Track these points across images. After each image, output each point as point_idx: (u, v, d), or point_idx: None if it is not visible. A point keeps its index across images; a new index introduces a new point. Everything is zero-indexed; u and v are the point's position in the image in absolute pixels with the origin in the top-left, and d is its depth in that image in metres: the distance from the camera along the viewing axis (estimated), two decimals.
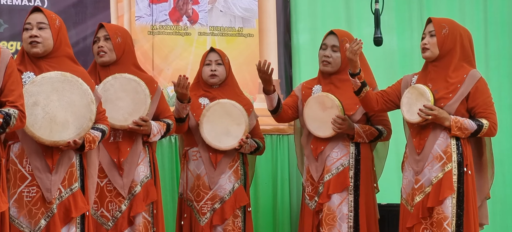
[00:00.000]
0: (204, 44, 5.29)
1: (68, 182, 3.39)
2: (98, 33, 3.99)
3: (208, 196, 4.32)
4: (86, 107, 3.35)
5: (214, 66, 4.39)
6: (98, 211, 3.88)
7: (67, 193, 3.38)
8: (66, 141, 3.29)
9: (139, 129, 3.88)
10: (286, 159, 5.38)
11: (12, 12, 4.95)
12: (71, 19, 5.01)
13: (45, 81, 3.30)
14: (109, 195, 3.88)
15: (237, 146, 4.32)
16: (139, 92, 3.90)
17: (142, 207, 3.89)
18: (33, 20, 3.41)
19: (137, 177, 3.92)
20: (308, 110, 4.32)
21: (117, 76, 3.90)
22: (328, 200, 4.23)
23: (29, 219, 3.30)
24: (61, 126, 3.30)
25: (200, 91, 4.44)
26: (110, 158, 3.88)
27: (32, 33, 3.38)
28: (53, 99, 3.30)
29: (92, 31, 5.08)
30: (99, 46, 3.95)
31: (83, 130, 3.34)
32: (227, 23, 5.38)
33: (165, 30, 5.28)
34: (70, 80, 3.34)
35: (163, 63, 5.25)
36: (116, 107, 3.85)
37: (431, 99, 3.87)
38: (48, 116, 3.28)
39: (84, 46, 5.05)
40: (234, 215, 4.33)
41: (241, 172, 4.41)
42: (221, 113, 4.31)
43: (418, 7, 5.73)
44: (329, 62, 4.31)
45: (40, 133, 3.25)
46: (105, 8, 5.14)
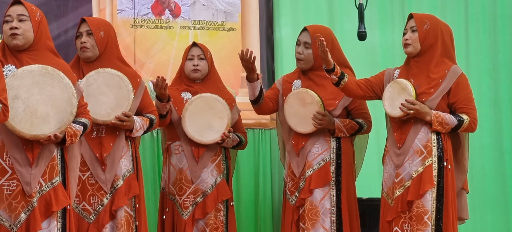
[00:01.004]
0: (187, 38, 5.28)
1: (49, 175, 3.37)
2: (80, 28, 3.97)
3: (190, 190, 4.32)
4: (67, 102, 3.33)
5: (197, 61, 4.39)
6: (80, 204, 3.86)
7: (47, 187, 3.36)
8: (47, 135, 3.28)
9: (122, 124, 3.87)
10: (268, 153, 5.39)
11: None
12: (52, 12, 4.98)
13: (26, 74, 3.27)
14: (91, 188, 3.87)
15: (219, 140, 4.32)
16: (122, 88, 3.89)
17: (124, 201, 3.88)
18: (14, 12, 3.38)
19: (120, 171, 3.91)
20: (288, 107, 4.33)
21: (100, 71, 3.88)
22: (310, 195, 4.24)
23: (9, 212, 3.28)
24: (42, 120, 3.27)
25: (182, 85, 4.44)
26: (93, 153, 3.86)
27: (12, 25, 3.36)
28: (34, 93, 3.27)
29: (73, 24, 5.05)
30: (82, 41, 3.93)
31: (64, 124, 3.32)
32: (210, 17, 5.38)
33: (147, 23, 5.27)
34: (51, 74, 3.32)
35: (145, 57, 5.23)
36: (98, 102, 3.83)
37: (413, 94, 3.89)
38: (28, 110, 3.26)
39: (65, 39, 5.03)
40: (216, 209, 4.34)
41: (224, 166, 4.41)
42: (204, 107, 4.31)
43: (400, 2, 5.76)
44: (301, 59, 4.32)
45: (21, 126, 3.23)
46: (86, 1, 5.12)
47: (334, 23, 5.53)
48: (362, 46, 5.19)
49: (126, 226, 3.87)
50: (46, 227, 3.34)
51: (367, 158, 4.63)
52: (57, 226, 3.38)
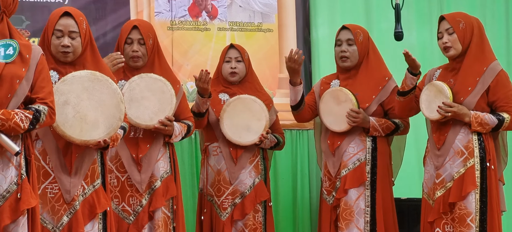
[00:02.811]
0: (224, 40, 5.31)
1: (91, 178, 3.41)
2: (131, 34, 3.95)
3: (228, 191, 4.33)
4: (115, 107, 3.36)
5: (234, 63, 4.39)
6: (120, 205, 3.90)
7: (90, 189, 3.41)
8: (96, 140, 3.31)
9: (164, 129, 3.89)
10: (305, 154, 5.38)
11: (34, 9, 4.99)
12: (91, 15, 5.04)
13: (76, 80, 3.31)
14: (130, 189, 3.90)
15: (257, 141, 4.33)
16: (165, 92, 3.91)
17: (162, 202, 3.91)
18: (65, 27, 3.38)
19: (157, 172, 3.94)
20: (323, 105, 4.32)
21: (143, 76, 3.89)
22: (345, 195, 4.23)
23: (52, 215, 3.33)
24: (91, 125, 3.31)
25: (220, 87, 4.45)
26: (130, 153, 3.89)
27: (64, 42, 3.37)
28: (83, 98, 3.31)
29: (112, 27, 5.11)
30: (133, 50, 3.92)
31: (112, 129, 3.36)
32: (247, 18, 5.39)
33: (185, 25, 5.30)
34: (99, 80, 3.35)
35: (182, 59, 5.26)
36: (141, 107, 3.85)
37: (449, 96, 3.85)
38: (78, 115, 3.29)
39: (104, 42, 5.08)
40: (255, 210, 4.35)
41: (262, 167, 4.42)
42: (242, 108, 4.32)
43: (438, 1, 5.70)
44: (347, 57, 4.31)
45: (71, 132, 3.27)
46: (124, 4, 5.17)
47: (371, 23, 5.50)
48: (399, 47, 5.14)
49: (163, 227, 3.90)
50: (90, 229, 3.38)
51: (406, 158, 4.60)
52: (98, 228, 3.42)
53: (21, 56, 2.95)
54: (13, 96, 2.90)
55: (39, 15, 4.96)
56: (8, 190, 2.91)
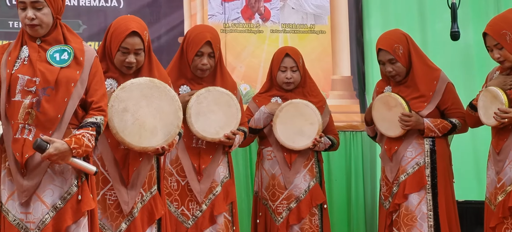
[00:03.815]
0: (276, 42, 5.31)
1: (148, 185, 3.45)
2: (202, 48, 3.89)
3: (283, 196, 4.32)
4: (174, 114, 3.38)
5: (290, 73, 4.35)
6: (179, 209, 3.92)
7: (148, 196, 3.45)
8: (155, 147, 3.34)
9: (228, 142, 3.91)
10: (359, 155, 5.35)
11: (90, 13, 5.07)
12: (146, 18, 5.07)
13: (134, 87, 3.33)
14: (189, 194, 3.92)
15: (311, 146, 4.31)
16: (231, 106, 3.91)
17: (224, 208, 3.93)
18: (132, 46, 3.40)
19: (217, 178, 3.95)
20: (375, 113, 4.28)
21: (210, 89, 3.88)
22: (405, 200, 4.17)
23: (111, 221, 3.37)
24: (150, 132, 3.33)
25: (273, 91, 4.44)
26: (191, 163, 3.91)
27: (130, 59, 3.40)
28: (142, 106, 3.33)
29: (166, 30, 5.17)
30: (203, 63, 3.90)
31: (170, 136, 3.37)
32: (299, 20, 5.38)
33: (238, 28, 5.32)
34: (158, 87, 3.37)
35: (235, 61, 5.28)
36: (208, 120, 3.85)
37: (505, 102, 3.77)
38: (137, 122, 3.32)
39: (158, 45, 5.13)
40: (311, 213, 4.33)
41: (316, 169, 4.40)
42: (294, 113, 4.31)
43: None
44: (394, 76, 4.23)
45: (130, 138, 3.29)
46: (178, 7, 5.22)
47: (425, 23, 5.44)
48: (455, 46, 5.08)
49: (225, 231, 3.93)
50: None
51: (463, 159, 4.53)
52: None
53: (76, 59, 3.00)
54: (69, 99, 2.95)
55: (95, 20, 5.03)
56: (69, 192, 2.97)
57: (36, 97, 2.91)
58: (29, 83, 2.93)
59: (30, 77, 2.93)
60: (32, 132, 2.91)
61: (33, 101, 2.91)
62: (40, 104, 2.91)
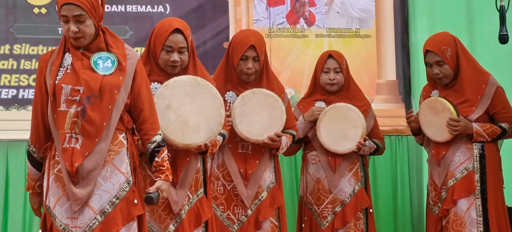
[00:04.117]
0: (321, 46, 5.31)
1: (195, 188, 3.48)
2: (247, 52, 3.93)
3: (328, 200, 4.31)
4: (216, 111, 3.41)
5: (333, 75, 4.35)
6: (225, 213, 3.95)
7: (194, 199, 3.47)
8: (198, 144, 3.37)
9: (273, 144, 3.92)
10: (405, 160, 5.31)
11: (137, 19, 5.14)
12: (191, 24, 5.11)
13: (177, 84, 3.37)
14: (235, 199, 3.94)
15: (355, 149, 4.29)
16: (276, 108, 3.93)
17: (270, 213, 3.94)
18: (175, 44, 3.45)
19: (264, 183, 3.97)
20: (422, 118, 4.24)
21: (255, 91, 3.91)
22: (454, 206, 4.11)
23: (159, 223, 3.41)
24: (193, 129, 3.36)
25: (317, 95, 4.43)
26: (237, 168, 3.93)
27: (174, 58, 3.45)
28: (185, 103, 3.37)
29: (211, 35, 5.21)
30: (248, 67, 3.93)
31: (213, 133, 3.41)
32: (344, 24, 5.37)
33: (283, 32, 5.33)
34: (201, 85, 3.41)
35: (280, 66, 5.30)
36: (252, 122, 3.88)
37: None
38: (180, 119, 3.35)
39: (203, 50, 5.17)
40: (356, 217, 4.31)
41: (361, 174, 4.38)
42: (338, 117, 4.29)
43: None
44: (441, 78, 4.18)
45: (173, 136, 3.33)
46: (224, 12, 5.25)
47: (472, 26, 5.38)
48: (504, 50, 5.00)
49: None
50: None
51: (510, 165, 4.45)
52: None
53: (119, 65, 3.01)
54: (114, 107, 2.97)
55: (142, 25, 5.10)
56: (118, 197, 2.98)
57: (81, 106, 2.93)
58: (73, 92, 2.94)
59: (73, 86, 2.94)
60: (79, 140, 2.93)
61: (78, 110, 2.93)
62: (85, 113, 2.92)
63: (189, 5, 5.22)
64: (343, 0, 5.41)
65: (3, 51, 5.04)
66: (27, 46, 5.05)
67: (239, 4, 5.27)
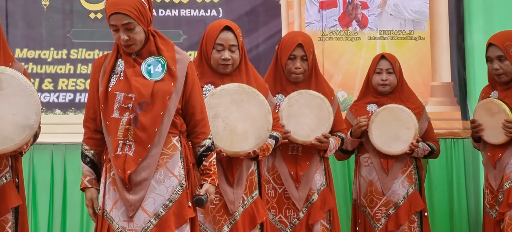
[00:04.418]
0: (374, 49, 5.28)
1: (249, 189, 3.50)
2: (295, 51, 3.95)
3: (381, 202, 4.29)
4: (263, 118, 3.43)
5: (385, 75, 4.33)
6: (276, 216, 3.96)
7: (249, 200, 3.49)
8: (246, 151, 3.40)
9: (320, 145, 3.92)
10: (461, 163, 5.24)
11: (191, 23, 5.20)
12: (244, 27, 5.17)
13: (224, 93, 3.41)
14: (287, 202, 3.95)
15: (408, 150, 4.25)
16: (323, 109, 3.93)
17: (320, 215, 3.94)
18: (225, 42, 3.48)
19: (314, 186, 3.97)
20: (477, 119, 4.17)
21: (302, 92, 3.92)
22: (509, 209, 4.04)
23: (213, 225, 3.43)
24: (241, 137, 3.40)
25: (369, 97, 4.41)
26: (288, 170, 3.93)
27: (225, 56, 3.48)
28: (232, 111, 3.40)
29: (264, 38, 5.23)
30: (296, 67, 3.95)
31: (261, 140, 3.43)
32: (397, 26, 5.34)
33: (335, 35, 5.32)
34: (247, 92, 3.43)
35: (333, 68, 5.28)
36: (299, 123, 3.89)
37: None
38: (228, 127, 3.39)
39: (256, 53, 5.20)
40: (410, 220, 4.27)
41: (415, 176, 4.33)
42: (390, 118, 4.27)
43: None
44: (500, 75, 4.10)
45: (222, 144, 3.37)
46: (276, 15, 5.27)
47: None
48: None
49: None
50: None
51: None
52: None
53: (169, 70, 3.01)
54: (165, 113, 2.98)
55: (195, 29, 5.16)
56: (171, 200, 2.99)
57: (133, 113, 2.94)
58: (125, 100, 2.95)
59: (126, 93, 2.96)
60: (132, 147, 2.95)
61: (131, 117, 2.94)
62: (138, 120, 2.93)
63: (241, 9, 5.25)
64: (396, 2, 5.37)
65: (60, 56, 5.16)
66: (83, 50, 5.17)
67: (292, 7, 5.28)
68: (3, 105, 3.08)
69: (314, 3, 5.32)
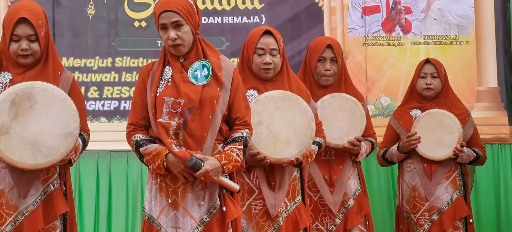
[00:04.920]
0: (418, 54, 5.23)
1: (292, 195, 3.49)
2: (324, 53, 3.96)
3: (425, 207, 4.24)
4: (307, 126, 3.42)
5: (429, 79, 4.29)
6: (313, 224, 3.94)
7: (292, 206, 3.49)
8: (289, 158, 3.39)
9: (353, 149, 3.91)
10: (508, 169, 5.16)
11: (233, 30, 5.23)
12: (287, 34, 5.19)
13: (268, 100, 3.41)
14: (322, 209, 3.93)
15: (452, 155, 4.20)
16: (356, 113, 3.92)
17: (357, 220, 3.91)
18: (266, 46, 3.49)
19: (349, 191, 3.95)
20: None
21: (335, 95, 3.92)
22: None
23: (257, 230, 3.43)
24: (284, 144, 3.39)
25: (413, 103, 4.38)
26: (322, 175, 3.92)
27: (266, 60, 3.49)
28: (276, 118, 3.40)
29: (306, 45, 5.22)
30: (326, 68, 3.95)
31: (304, 147, 3.42)
32: (442, 31, 5.28)
33: (378, 41, 5.29)
34: (291, 99, 3.43)
35: (376, 74, 5.26)
36: (332, 126, 3.87)
37: None
38: (272, 134, 3.39)
39: (299, 59, 5.19)
40: (454, 226, 4.21)
41: (460, 182, 4.28)
42: (432, 123, 4.22)
43: None
44: None
45: (265, 150, 3.36)
46: (319, 21, 5.27)
47: None
48: None
49: None
50: None
51: None
52: None
53: (215, 76, 3.04)
54: (214, 117, 3.00)
55: (238, 36, 5.18)
56: (214, 207, 3.02)
57: (183, 118, 2.97)
58: (174, 105, 2.98)
59: (175, 98, 2.98)
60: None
61: (180, 122, 2.97)
62: (187, 125, 2.96)
63: (284, 15, 5.26)
64: (440, 7, 5.32)
65: (105, 64, 5.23)
66: (128, 58, 5.23)
67: (334, 13, 5.27)
68: (41, 118, 3.13)
69: (357, 8, 5.30)
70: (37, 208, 3.22)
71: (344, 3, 5.29)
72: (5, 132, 3.10)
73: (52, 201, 3.27)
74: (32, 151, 3.11)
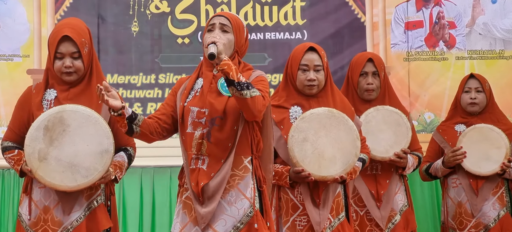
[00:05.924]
0: (462, 69, 5.18)
1: (336, 211, 3.48)
2: (365, 67, 3.98)
3: (471, 224, 4.18)
4: (352, 144, 3.42)
5: (474, 94, 4.25)
6: None
7: (336, 222, 3.47)
8: (334, 176, 3.39)
9: (399, 161, 3.88)
10: None
11: (276, 46, 5.25)
12: (329, 49, 5.18)
13: (314, 117, 3.42)
14: (369, 224, 3.91)
15: (499, 171, 4.14)
16: (401, 125, 3.90)
17: None
18: (311, 62, 3.50)
19: (396, 206, 3.92)
20: None
21: (379, 108, 3.92)
22: None
23: None
24: (329, 161, 3.39)
25: (457, 118, 4.33)
26: (368, 190, 3.91)
27: (311, 76, 3.49)
28: (321, 135, 3.40)
29: (348, 60, 5.20)
30: (368, 82, 3.96)
31: (349, 165, 3.42)
32: (487, 46, 5.23)
33: (421, 56, 5.26)
34: (336, 117, 3.43)
35: (419, 89, 5.22)
36: (377, 139, 3.87)
37: None
38: (317, 152, 3.39)
39: (341, 75, 5.18)
40: None
41: (507, 198, 4.21)
42: (479, 138, 4.17)
43: None
44: None
45: (310, 167, 3.37)
46: (361, 37, 5.26)
47: None
48: None
49: None
50: None
51: None
52: None
53: None
54: (238, 128, 2.98)
55: (280, 52, 5.20)
56: (242, 222, 2.98)
57: (206, 128, 2.96)
58: (199, 114, 2.97)
59: (199, 108, 2.98)
60: (205, 162, 2.97)
61: (204, 132, 2.96)
62: (211, 135, 2.96)
63: (326, 31, 5.27)
64: (485, 21, 5.26)
65: (149, 80, 5.29)
66: (171, 75, 5.28)
67: (377, 28, 5.26)
68: (75, 140, 3.19)
69: (400, 23, 5.27)
70: (81, 224, 3.28)
71: (386, 19, 5.27)
72: (43, 158, 3.19)
73: (96, 216, 3.32)
74: (71, 173, 3.19)
